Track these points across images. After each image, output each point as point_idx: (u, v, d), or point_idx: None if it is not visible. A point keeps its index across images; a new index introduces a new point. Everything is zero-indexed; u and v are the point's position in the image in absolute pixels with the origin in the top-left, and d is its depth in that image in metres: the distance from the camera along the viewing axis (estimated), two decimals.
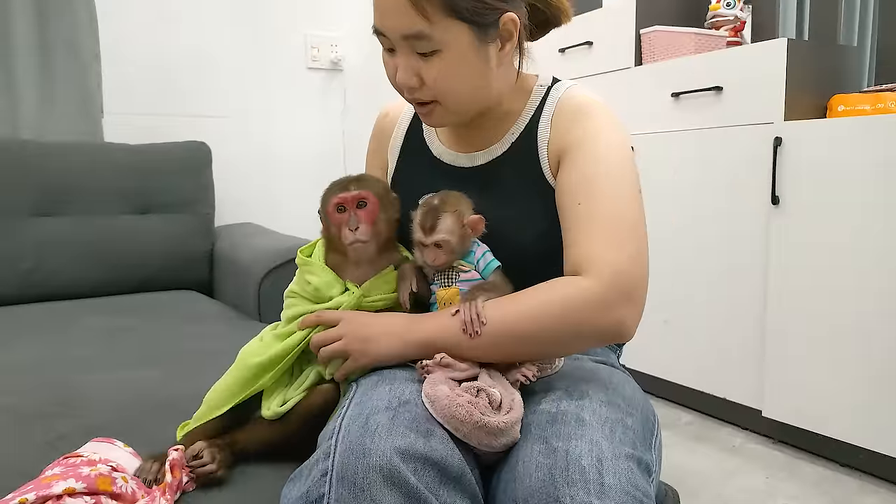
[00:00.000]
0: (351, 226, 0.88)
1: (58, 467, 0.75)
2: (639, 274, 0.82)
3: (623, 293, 0.79)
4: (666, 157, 2.09)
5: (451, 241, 0.84)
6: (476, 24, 0.80)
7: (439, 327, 0.82)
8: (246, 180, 2.49)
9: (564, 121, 0.90)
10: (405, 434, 0.68)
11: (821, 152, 1.68)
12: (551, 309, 0.79)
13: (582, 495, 0.65)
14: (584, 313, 0.79)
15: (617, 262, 0.80)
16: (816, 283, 1.71)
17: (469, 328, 0.79)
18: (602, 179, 0.84)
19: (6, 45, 2.00)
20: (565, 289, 0.80)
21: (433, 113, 0.88)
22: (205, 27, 2.39)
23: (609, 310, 0.79)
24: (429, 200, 0.87)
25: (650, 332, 2.16)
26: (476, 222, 0.86)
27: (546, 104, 0.93)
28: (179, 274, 2.06)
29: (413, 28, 0.79)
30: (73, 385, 1.14)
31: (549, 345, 0.82)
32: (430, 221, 0.84)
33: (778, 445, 1.89)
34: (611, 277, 0.79)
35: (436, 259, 0.85)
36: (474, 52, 0.82)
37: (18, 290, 1.83)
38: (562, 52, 2.46)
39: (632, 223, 0.84)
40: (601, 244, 0.81)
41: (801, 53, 1.79)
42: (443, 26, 0.79)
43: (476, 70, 0.84)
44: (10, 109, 2.03)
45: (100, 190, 1.97)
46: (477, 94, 0.87)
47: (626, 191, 0.85)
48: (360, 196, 0.88)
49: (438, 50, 0.80)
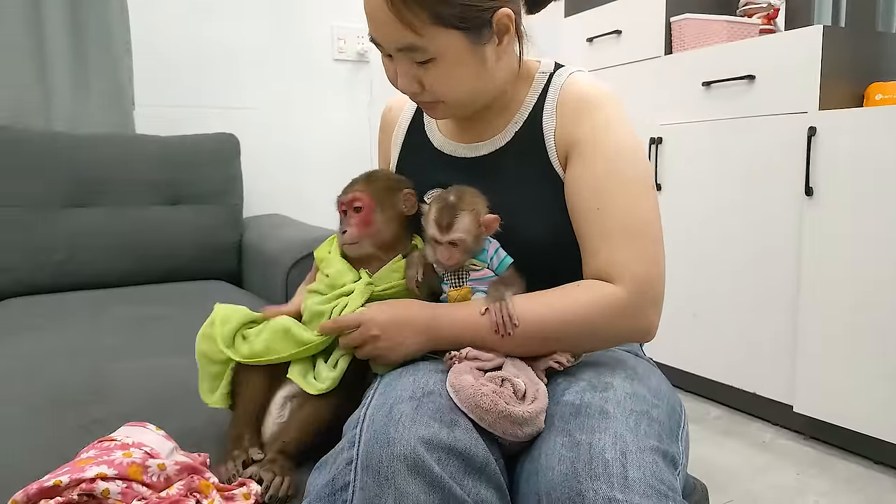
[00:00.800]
0: (342, 228, 0.91)
1: (92, 450, 0.76)
2: (660, 277, 0.84)
3: (649, 298, 0.83)
4: (696, 147, 2.05)
5: (466, 240, 0.83)
6: (467, 29, 0.79)
7: (468, 326, 0.82)
8: (273, 171, 2.51)
9: (570, 111, 0.89)
10: (429, 424, 0.68)
11: (857, 142, 1.64)
12: (584, 314, 0.81)
13: (605, 489, 0.64)
14: (617, 320, 0.81)
15: (643, 270, 0.82)
16: (851, 276, 1.67)
17: (501, 329, 0.79)
18: (618, 181, 0.84)
19: (40, 37, 2.04)
20: (596, 295, 0.81)
21: (437, 110, 0.89)
22: (233, 19, 2.41)
23: (637, 316, 0.82)
24: (443, 196, 0.85)
25: (679, 325, 2.13)
26: (491, 222, 0.84)
27: (549, 91, 0.91)
28: (208, 264, 2.09)
29: (404, 41, 0.79)
30: (106, 372, 1.16)
31: (576, 347, 0.84)
32: (446, 219, 0.82)
33: (809, 442, 1.85)
34: (639, 286, 0.81)
35: (449, 258, 0.83)
36: (470, 55, 0.82)
37: (52, 280, 1.87)
38: (589, 41, 2.44)
39: (650, 224, 0.84)
40: (625, 251, 0.82)
41: (837, 40, 1.75)
42: (433, 36, 0.78)
43: (474, 71, 0.84)
44: (44, 101, 2.07)
45: (131, 181, 2.00)
46: (478, 90, 0.87)
47: (641, 190, 0.85)
48: (353, 199, 0.90)
49: (433, 58, 0.80)
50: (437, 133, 1.00)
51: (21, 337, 1.40)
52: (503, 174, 0.91)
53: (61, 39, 2.06)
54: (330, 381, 0.84)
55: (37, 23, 2.03)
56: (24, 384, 1.10)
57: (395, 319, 0.83)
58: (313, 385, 0.85)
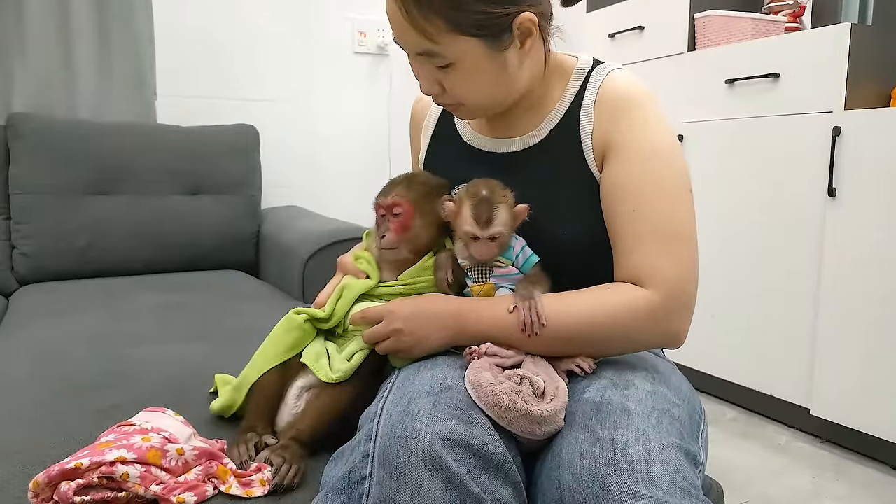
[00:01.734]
0: (380, 232, 0.90)
1: (112, 434, 0.77)
2: (693, 282, 0.83)
3: (682, 304, 0.81)
4: (718, 145, 2.03)
5: (505, 233, 0.82)
6: (485, 36, 0.79)
7: (494, 323, 0.81)
8: (291, 163, 2.52)
9: (608, 109, 0.87)
10: (446, 420, 0.68)
11: (882, 143, 1.62)
12: (613, 318, 0.79)
13: (630, 484, 0.64)
14: (647, 324, 0.80)
15: (675, 274, 0.80)
16: (872, 278, 1.65)
17: (528, 329, 0.79)
18: (653, 182, 0.82)
19: (65, 27, 2.06)
20: (626, 299, 0.80)
21: (460, 111, 0.89)
22: (255, 12, 2.42)
23: (670, 322, 0.81)
24: (473, 191, 0.83)
25: (696, 326, 2.10)
26: (522, 212, 0.83)
27: (587, 90, 0.89)
28: (227, 254, 2.11)
29: (421, 47, 0.80)
30: (126, 357, 1.17)
31: (604, 350, 0.83)
32: (485, 214, 0.80)
33: (826, 445, 1.83)
34: (671, 290, 0.80)
35: (488, 253, 0.82)
36: (489, 61, 0.81)
37: (75, 266, 1.90)
38: (612, 37, 2.42)
39: (684, 227, 0.83)
40: (658, 255, 0.81)
41: (864, 39, 1.72)
42: (449, 43, 0.78)
43: (494, 76, 0.83)
44: (69, 89, 2.09)
45: (152, 170, 2.02)
46: (499, 94, 0.86)
47: (678, 192, 0.83)
48: (393, 204, 0.89)
49: (452, 63, 0.80)
50: (467, 127, 0.99)
51: (42, 322, 1.42)
52: (537, 171, 0.90)
53: (86, 29, 2.09)
54: (341, 374, 0.84)
55: (63, 13, 2.05)
56: (46, 369, 1.12)
57: (419, 313, 0.82)
58: (325, 371, 0.85)
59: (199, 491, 0.73)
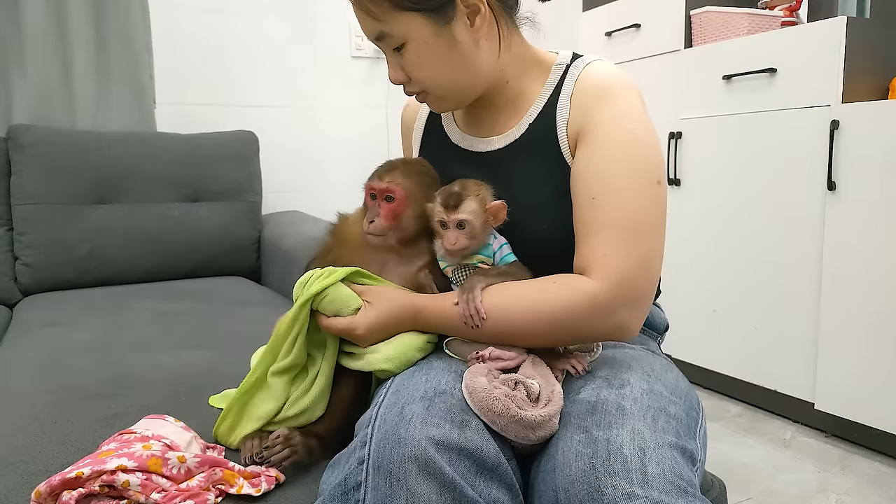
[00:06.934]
0: (369, 217, 0.88)
1: (113, 443, 0.78)
2: (645, 279, 0.81)
3: (626, 298, 0.79)
4: (716, 141, 2.03)
5: (473, 222, 0.82)
6: (426, 10, 0.80)
7: (443, 317, 0.83)
8: (291, 169, 2.53)
9: (584, 99, 0.86)
10: (440, 424, 0.68)
11: (881, 136, 1.61)
12: (551, 310, 0.79)
13: (624, 485, 0.64)
14: (583, 316, 0.79)
15: (624, 267, 0.78)
16: (874, 271, 1.64)
17: (469, 322, 0.80)
18: (619, 171, 0.81)
19: (64, 37, 2.07)
20: (568, 290, 0.79)
21: (429, 100, 0.90)
22: (251, 18, 2.42)
23: (610, 315, 0.79)
24: (447, 187, 0.85)
25: (698, 321, 2.11)
26: (498, 208, 0.83)
27: (565, 82, 0.88)
28: (228, 260, 2.11)
29: (375, 29, 0.83)
30: (128, 365, 1.18)
31: (547, 342, 0.83)
32: (453, 200, 0.82)
33: (831, 440, 1.83)
34: (615, 283, 0.78)
35: (456, 242, 0.82)
36: (435, 37, 0.82)
37: (76, 275, 1.90)
38: (608, 35, 2.42)
39: (644, 221, 0.80)
40: (610, 246, 0.79)
41: (861, 32, 1.72)
42: (395, 21, 0.81)
43: (445, 54, 0.83)
44: (69, 99, 2.10)
45: (153, 178, 2.03)
46: (458, 75, 0.86)
47: (643, 184, 0.81)
48: (388, 190, 0.87)
49: (404, 43, 0.83)
50: (454, 127, 0.99)
51: (44, 332, 1.43)
52: (518, 168, 0.90)
53: (84, 39, 2.09)
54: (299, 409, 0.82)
55: (61, 23, 2.06)
56: (48, 378, 1.12)
57: (380, 321, 0.82)
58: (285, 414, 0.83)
59: (201, 499, 0.74)
